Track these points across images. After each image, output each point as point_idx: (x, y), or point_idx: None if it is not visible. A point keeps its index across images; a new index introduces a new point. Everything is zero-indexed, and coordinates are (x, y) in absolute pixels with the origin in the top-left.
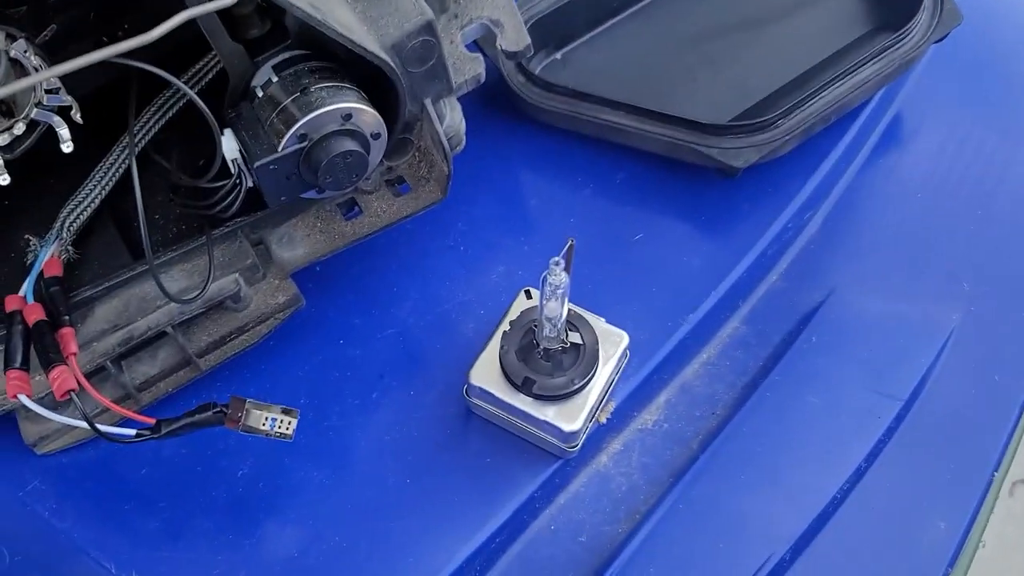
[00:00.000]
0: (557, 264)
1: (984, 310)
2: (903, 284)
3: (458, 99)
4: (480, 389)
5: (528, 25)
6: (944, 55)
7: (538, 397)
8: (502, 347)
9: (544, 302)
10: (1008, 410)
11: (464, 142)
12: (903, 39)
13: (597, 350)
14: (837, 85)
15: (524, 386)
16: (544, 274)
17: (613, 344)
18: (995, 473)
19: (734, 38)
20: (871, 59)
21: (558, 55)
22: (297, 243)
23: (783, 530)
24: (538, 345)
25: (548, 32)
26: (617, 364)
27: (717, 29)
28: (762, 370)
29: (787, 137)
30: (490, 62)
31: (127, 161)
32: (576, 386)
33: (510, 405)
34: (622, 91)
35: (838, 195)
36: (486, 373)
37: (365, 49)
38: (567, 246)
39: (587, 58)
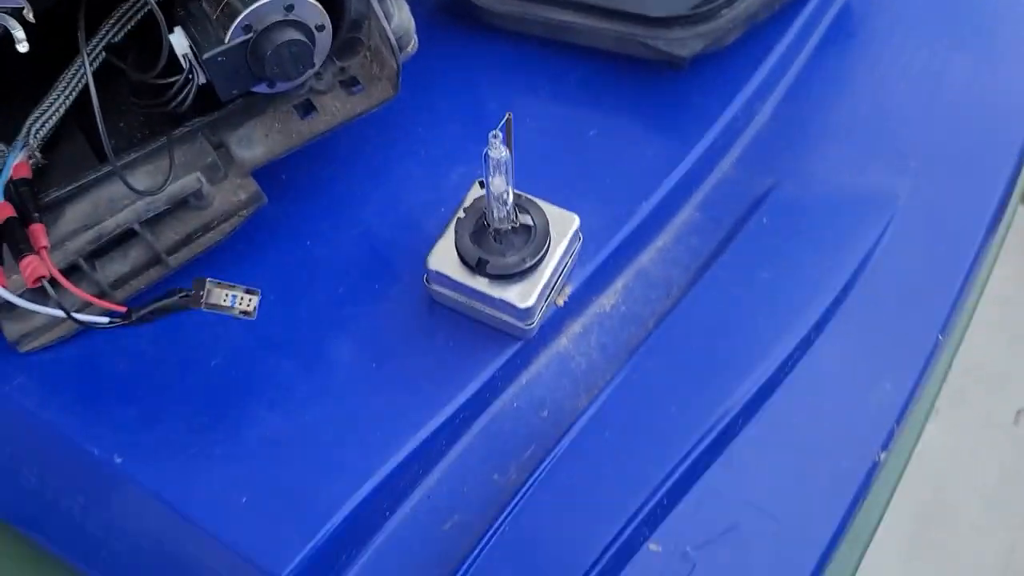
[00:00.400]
0: (496, 137)
1: (929, 187)
2: (851, 166)
3: (413, 6)
4: (438, 273)
5: None
6: None
7: (493, 277)
8: (457, 232)
9: (489, 179)
10: (953, 277)
11: (415, 42)
12: None
13: (548, 231)
14: None
15: (478, 267)
16: (484, 150)
17: (564, 225)
18: (940, 336)
19: None
20: None
21: None
22: (256, 143)
23: (734, 395)
24: (490, 227)
25: None
26: (569, 245)
27: None
28: (715, 253)
29: (731, 25)
30: None
31: (85, 65)
32: (528, 264)
33: (467, 287)
34: None
35: (788, 84)
36: (443, 259)
37: None
38: (504, 119)
39: None
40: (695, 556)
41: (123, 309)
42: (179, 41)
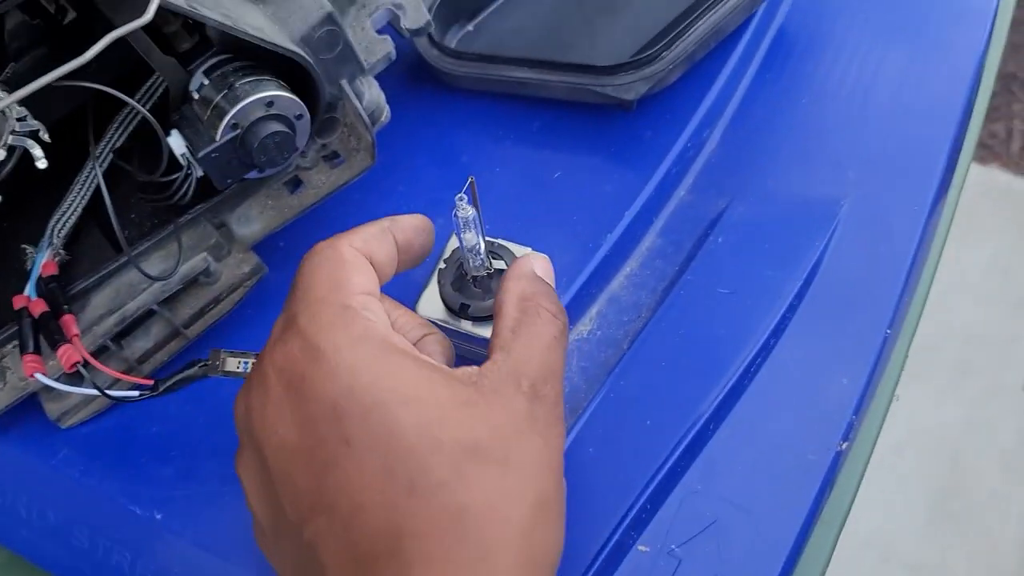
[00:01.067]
0: (461, 199)
1: (868, 193)
2: (796, 180)
3: (384, 76)
4: (427, 319)
5: (439, 3)
6: None
7: (475, 319)
8: (439, 282)
9: (461, 235)
10: (896, 273)
11: (387, 112)
12: None
13: None
14: (711, 13)
15: (461, 311)
16: (453, 211)
17: None
18: (888, 330)
19: None
20: None
21: (470, 26)
22: (253, 220)
23: (705, 402)
24: (468, 275)
25: (459, 8)
26: None
27: None
28: (678, 274)
29: (671, 67)
30: (408, 42)
31: (95, 171)
32: None
33: (453, 329)
34: (529, 48)
35: (732, 111)
36: (430, 305)
37: (277, 45)
38: (467, 183)
39: (497, 25)
40: (680, 552)
41: (150, 382)
42: (176, 142)
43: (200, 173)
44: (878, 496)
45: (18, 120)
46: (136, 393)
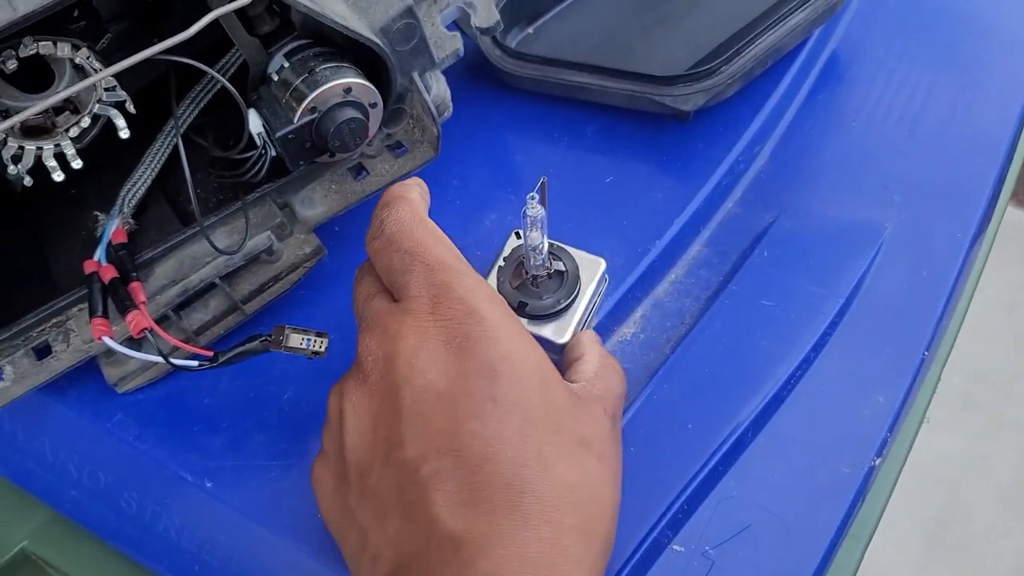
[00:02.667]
0: (533, 198)
1: (912, 217)
2: (842, 200)
3: (444, 73)
4: None
5: (503, 4)
6: None
7: (532, 317)
8: (499, 279)
9: (527, 233)
10: (936, 298)
11: (451, 108)
12: None
13: (578, 274)
14: (771, 32)
15: (519, 309)
16: (523, 208)
17: (592, 269)
18: (926, 352)
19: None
20: (798, 7)
21: (530, 29)
22: (317, 203)
23: (744, 410)
24: (528, 274)
25: (520, 10)
26: (597, 286)
27: None
28: (722, 284)
29: (729, 81)
30: (471, 41)
31: (172, 143)
32: (562, 305)
33: None
34: (588, 54)
35: (783, 129)
36: None
37: (358, 34)
38: (540, 183)
39: (556, 29)
40: (713, 555)
41: (210, 353)
42: (254, 122)
43: (273, 153)
44: None
45: (106, 90)
46: (195, 363)
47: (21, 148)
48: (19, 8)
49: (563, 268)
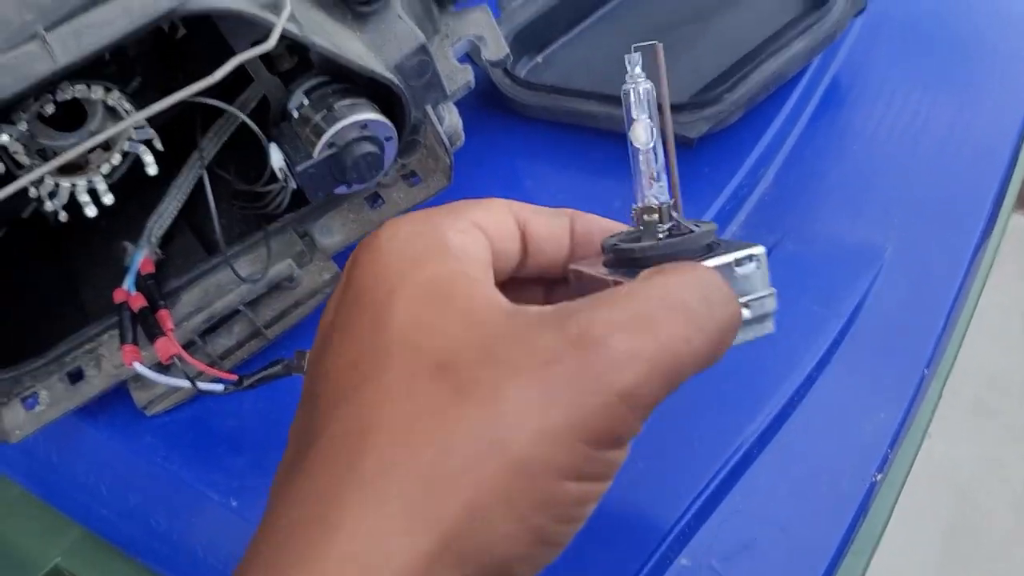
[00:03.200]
0: (633, 63)
1: (912, 238)
2: (844, 222)
3: (459, 104)
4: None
5: (512, 36)
6: (874, 24)
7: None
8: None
9: (629, 128)
10: (935, 316)
11: (463, 137)
12: (825, 16)
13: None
14: (772, 60)
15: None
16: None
17: None
18: (926, 370)
19: (689, 29)
20: (799, 35)
21: (540, 58)
22: (335, 231)
23: (749, 427)
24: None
25: (530, 40)
26: None
27: (674, 22)
28: None
29: (732, 108)
30: (481, 70)
31: (197, 176)
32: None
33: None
34: (596, 82)
35: (786, 153)
36: None
37: (374, 72)
38: (644, 46)
39: (566, 57)
40: (719, 568)
41: (234, 377)
42: (276, 156)
43: (294, 186)
44: (889, 533)
45: (136, 128)
46: (221, 387)
47: (56, 185)
48: (59, 60)
49: (694, 230)
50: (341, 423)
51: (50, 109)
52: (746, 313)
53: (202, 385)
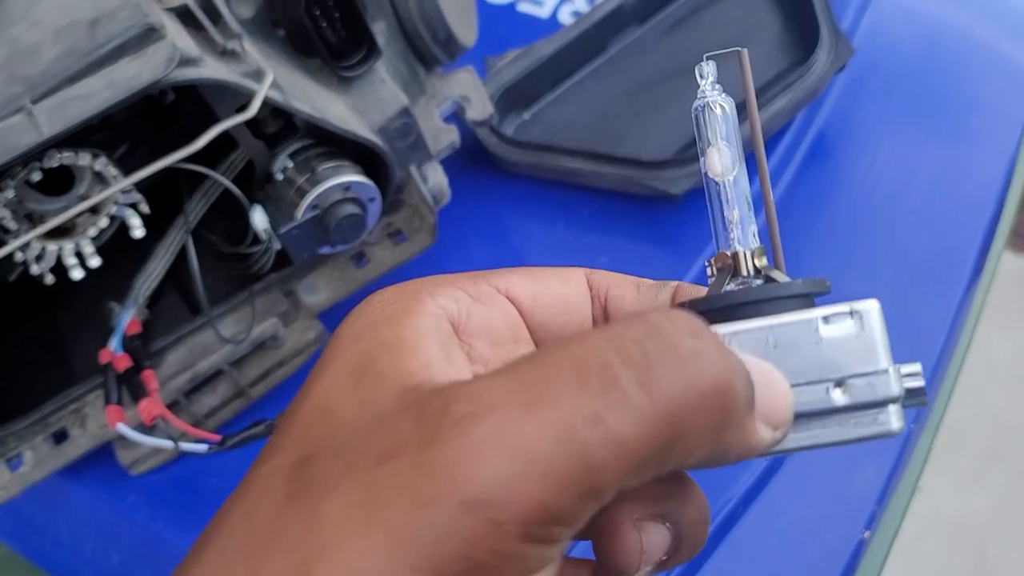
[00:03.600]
0: (706, 73)
1: (900, 290)
2: (831, 276)
3: (445, 161)
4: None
5: (499, 94)
6: (859, 78)
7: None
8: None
9: (703, 156)
10: (926, 366)
11: (448, 195)
12: (807, 73)
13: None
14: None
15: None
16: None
17: None
18: (912, 425)
19: (673, 85)
20: (782, 92)
21: (527, 115)
22: (320, 290)
23: (734, 486)
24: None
25: (517, 97)
26: None
27: (658, 79)
28: None
29: None
30: (469, 128)
31: (183, 238)
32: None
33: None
34: (582, 140)
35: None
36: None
37: (357, 135)
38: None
39: (552, 114)
40: None
41: (218, 438)
42: (260, 218)
43: (279, 247)
44: None
45: (122, 193)
46: (204, 447)
47: (43, 248)
48: (45, 132)
49: (779, 279)
50: (217, 515)
51: (37, 176)
52: (837, 397)
53: (185, 446)
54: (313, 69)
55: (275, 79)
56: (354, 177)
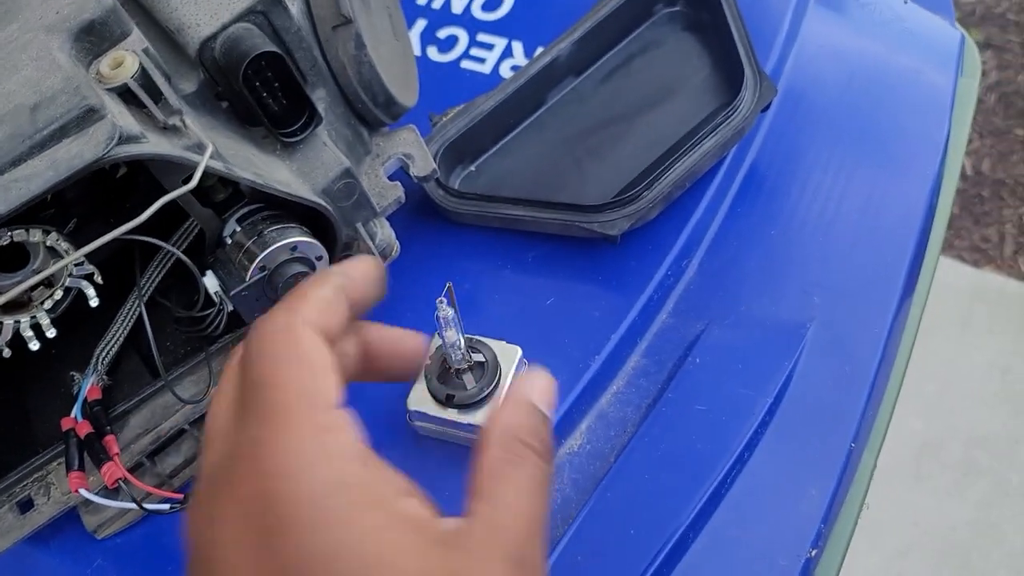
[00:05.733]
0: (441, 302)
1: (833, 315)
2: (766, 305)
3: (395, 215)
4: (418, 412)
5: (444, 148)
6: (789, 113)
7: (460, 407)
8: (426, 376)
9: (443, 333)
10: (859, 392)
11: (397, 248)
12: (733, 114)
13: (498, 363)
14: (686, 158)
15: (447, 401)
16: (435, 312)
17: (510, 356)
18: (852, 444)
19: (610, 131)
20: (710, 133)
21: (472, 167)
22: None
23: (683, 511)
24: (451, 368)
25: (461, 151)
26: (516, 370)
27: (595, 126)
28: (660, 391)
29: (650, 205)
30: (415, 183)
31: (139, 307)
32: (486, 392)
33: (442, 418)
34: (525, 188)
35: (708, 242)
36: (419, 399)
37: (301, 198)
38: (446, 288)
39: (496, 166)
40: None
41: (180, 496)
42: (211, 282)
43: (230, 308)
44: None
45: (76, 265)
46: (167, 506)
47: (0, 323)
48: None
49: (483, 359)
50: None
51: None
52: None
53: (148, 506)
54: (257, 137)
55: (217, 150)
56: (300, 238)
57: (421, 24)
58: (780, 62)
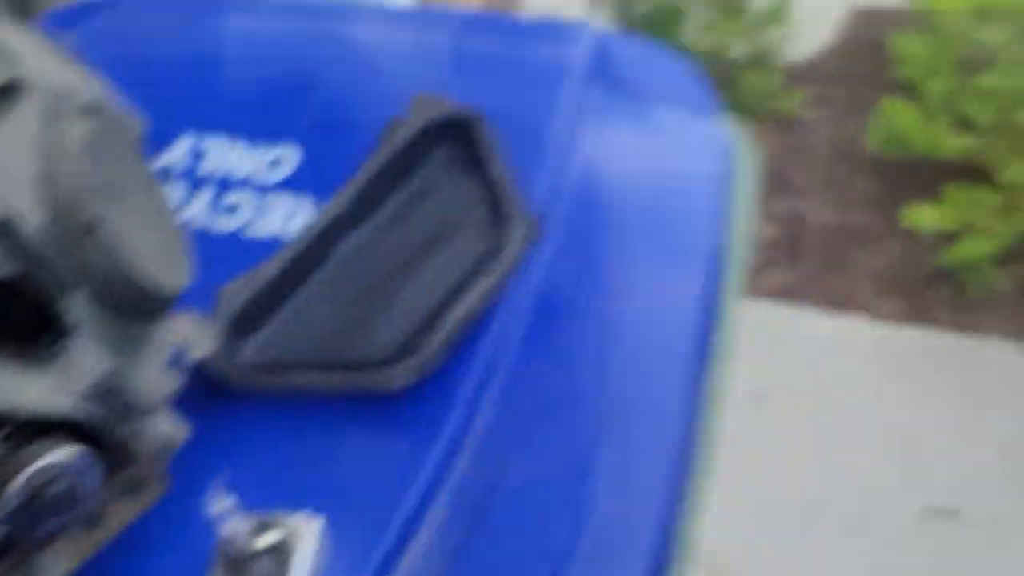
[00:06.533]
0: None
1: (620, 446)
2: (561, 436)
3: (183, 397)
4: None
5: (229, 321)
6: (565, 242)
7: None
8: None
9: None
10: (650, 523)
11: (183, 435)
12: (500, 254)
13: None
14: (460, 303)
15: None
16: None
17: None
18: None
19: (394, 281)
20: (483, 274)
21: (260, 337)
22: (58, 561)
23: None
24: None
25: (247, 322)
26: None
27: (381, 277)
28: (465, 538)
29: (432, 354)
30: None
31: None
32: None
33: None
34: (315, 350)
35: (497, 382)
36: None
37: (60, 413)
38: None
39: (284, 331)
40: None
41: None
42: None
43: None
44: None
45: None
46: None
47: None
48: None
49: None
50: None
51: None
52: None
53: None
54: (6, 356)
55: None
56: (60, 454)
57: (207, 194)
58: (554, 191)
